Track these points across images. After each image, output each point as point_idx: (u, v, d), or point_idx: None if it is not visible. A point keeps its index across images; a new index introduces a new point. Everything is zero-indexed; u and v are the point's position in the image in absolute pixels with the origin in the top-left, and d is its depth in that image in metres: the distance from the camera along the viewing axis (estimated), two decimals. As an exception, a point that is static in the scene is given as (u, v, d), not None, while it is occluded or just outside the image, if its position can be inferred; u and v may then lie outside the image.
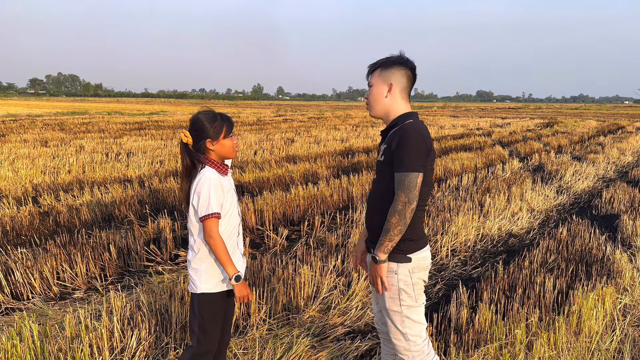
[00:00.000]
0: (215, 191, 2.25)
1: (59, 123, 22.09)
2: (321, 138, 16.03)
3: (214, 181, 2.26)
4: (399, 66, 2.24)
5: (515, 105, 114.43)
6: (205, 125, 2.28)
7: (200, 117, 2.31)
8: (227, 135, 2.31)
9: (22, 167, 9.20)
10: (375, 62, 2.29)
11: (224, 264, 2.27)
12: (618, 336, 3.32)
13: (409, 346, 2.24)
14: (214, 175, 2.27)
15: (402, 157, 2.07)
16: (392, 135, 2.17)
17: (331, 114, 37.22)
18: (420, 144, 2.09)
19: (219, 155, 2.33)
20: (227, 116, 2.36)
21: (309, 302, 3.77)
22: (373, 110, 2.30)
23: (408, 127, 2.14)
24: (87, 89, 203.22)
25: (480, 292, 3.96)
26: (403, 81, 2.24)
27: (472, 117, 34.40)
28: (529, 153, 12.65)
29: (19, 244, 5.11)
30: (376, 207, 2.22)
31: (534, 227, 6.12)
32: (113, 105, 59.57)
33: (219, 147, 2.31)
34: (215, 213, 2.24)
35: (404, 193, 2.06)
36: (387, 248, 2.12)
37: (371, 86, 2.27)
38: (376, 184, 2.27)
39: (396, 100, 2.24)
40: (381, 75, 2.24)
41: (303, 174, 8.90)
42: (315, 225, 5.73)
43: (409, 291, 2.21)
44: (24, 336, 2.93)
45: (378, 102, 2.26)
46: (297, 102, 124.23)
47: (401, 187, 2.06)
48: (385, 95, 2.24)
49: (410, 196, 2.06)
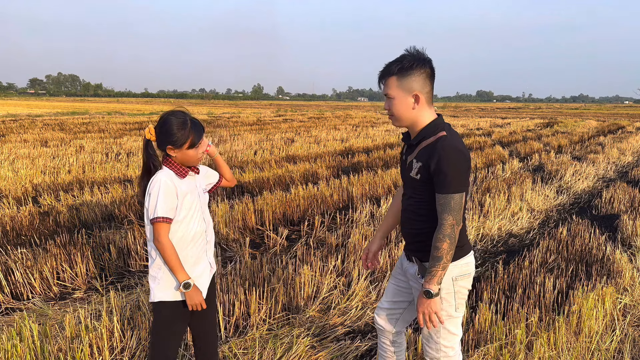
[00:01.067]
0: (164, 194, 2.14)
1: (59, 123, 22.09)
2: (321, 138, 16.03)
3: (165, 184, 2.15)
4: (418, 68, 2.01)
5: (515, 105, 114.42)
6: (170, 130, 2.16)
7: (169, 120, 2.18)
8: (191, 146, 2.19)
9: (22, 167, 9.20)
10: (390, 68, 2.04)
11: (173, 269, 2.18)
12: (618, 336, 3.32)
13: (439, 356, 2.17)
14: (165, 178, 2.17)
15: (446, 179, 1.94)
16: (427, 152, 2.01)
17: (331, 114, 37.22)
18: (463, 164, 1.97)
19: (180, 161, 2.24)
20: (199, 124, 2.23)
21: (309, 302, 3.77)
22: (399, 123, 2.10)
23: (447, 145, 1.96)
24: (87, 89, 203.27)
25: (480, 292, 3.96)
26: (427, 86, 2.04)
27: (472, 117, 34.39)
28: (529, 153, 12.65)
29: (19, 244, 5.11)
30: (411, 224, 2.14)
31: (534, 227, 6.12)
32: (113, 105, 59.56)
33: (180, 155, 2.21)
34: (161, 217, 2.13)
35: (451, 216, 1.95)
36: (441, 278, 2.00)
37: (392, 98, 2.05)
38: (411, 199, 2.14)
39: (424, 109, 2.05)
40: (401, 84, 2.02)
41: (303, 174, 8.90)
42: (315, 225, 5.73)
43: (450, 300, 2.11)
44: (24, 336, 2.93)
45: (405, 116, 2.07)
46: (297, 102, 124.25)
47: (448, 210, 1.94)
48: (412, 107, 2.04)
49: (458, 218, 1.96)
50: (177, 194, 2.19)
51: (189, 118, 2.21)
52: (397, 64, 2.02)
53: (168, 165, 2.23)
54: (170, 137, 2.16)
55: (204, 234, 2.33)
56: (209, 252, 2.38)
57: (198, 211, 2.29)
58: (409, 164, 2.10)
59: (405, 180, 2.17)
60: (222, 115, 32.67)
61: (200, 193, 2.33)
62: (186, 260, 2.26)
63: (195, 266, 2.30)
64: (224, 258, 4.88)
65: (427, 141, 2.03)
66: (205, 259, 2.35)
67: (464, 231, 2.12)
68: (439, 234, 1.96)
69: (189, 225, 2.24)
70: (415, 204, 2.11)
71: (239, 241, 5.17)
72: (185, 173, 2.25)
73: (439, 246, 1.96)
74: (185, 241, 2.25)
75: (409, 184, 2.14)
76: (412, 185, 2.10)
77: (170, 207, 2.16)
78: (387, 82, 2.05)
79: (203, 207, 2.34)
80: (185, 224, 2.23)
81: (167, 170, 2.22)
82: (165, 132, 2.17)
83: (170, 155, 2.21)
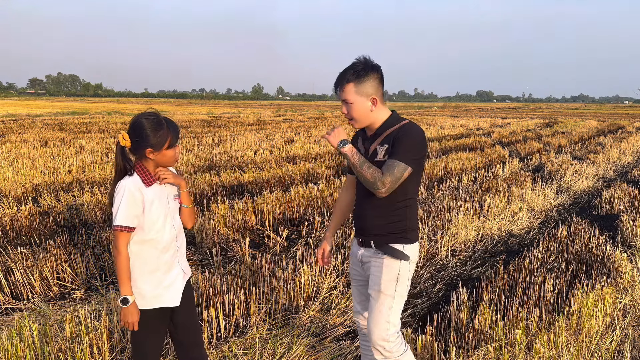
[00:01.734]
0: (127, 202, 2.07)
1: (59, 123, 22.09)
2: (321, 138, 16.03)
3: (129, 191, 2.08)
4: (372, 74, 2.22)
5: (515, 105, 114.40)
6: (148, 133, 2.08)
7: (144, 124, 2.09)
8: (171, 145, 2.14)
9: (22, 167, 9.20)
10: (345, 76, 2.22)
11: (119, 280, 2.12)
12: (618, 336, 3.32)
13: (388, 336, 2.25)
14: (131, 185, 2.10)
15: (400, 148, 2.16)
16: (392, 135, 2.23)
17: (331, 114, 37.21)
18: (420, 142, 2.21)
19: (157, 164, 2.17)
20: (174, 123, 2.17)
21: (309, 302, 3.77)
22: (359, 124, 2.30)
23: (410, 126, 2.24)
24: (87, 89, 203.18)
25: (480, 292, 3.96)
26: (380, 89, 2.26)
27: (472, 117, 34.40)
28: (529, 153, 12.65)
29: (19, 244, 5.11)
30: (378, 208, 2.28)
31: (534, 227, 6.12)
32: (113, 105, 59.57)
33: (159, 157, 2.14)
34: (120, 226, 2.08)
35: (390, 178, 2.12)
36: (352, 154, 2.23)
37: (350, 103, 2.24)
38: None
39: (380, 109, 2.27)
40: (358, 90, 2.22)
41: (303, 174, 8.90)
42: (315, 225, 5.73)
43: (404, 280, 2.28)
44: (24, 336, 2.93)
45: (365, 117, 2.27)
46: (297, 102, 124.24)
47: (389, 172, 2.12)
48: (370, 109, 2.25)
49: (392, 184, 2.13)
50: (142, 202, 2.12)
51: (162, 118, 2.15)
52: (352, 71, 2.21)
53: (137, 171, 2.15)
54: (149, 141, 2.09)
55: (175, 240, 2.27)
56: (181, 258, 2.33)
57: (167, 218, 2.22)
58: (373, 151, 2.28)
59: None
60: (222, 115, 32.68)
61: (169, 199, 2.25)
62: (159, 267, 2.21)
63: (168, 273, 2.25)
64: (224, 258, 4.88)
65: (392, 128, 2.26)
66: (177, 265, 2.29)
67: (416, 215, 2.35)
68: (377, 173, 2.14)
69: (158, 233, 2.18)
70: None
71: (239, 241, 5.17)
72: (152, 181, 2.16)
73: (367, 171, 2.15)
74: (157, 249, 2.20)
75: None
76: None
77: (132, 215, 2.10)
78: (345, 89, 2.23)
79: (173, 213, 2.26)
80: (155, 231, 2.17)
81: (135, 176, 2.14)
82: (142, 137, 2.09)
83: (148, 158, 2.14)
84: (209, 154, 11.47)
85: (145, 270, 2.20)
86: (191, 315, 2.39)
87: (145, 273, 2.20)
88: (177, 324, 2.35)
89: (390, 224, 2.27)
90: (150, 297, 2.20)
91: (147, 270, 2.20)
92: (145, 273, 2.20)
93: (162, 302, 2.23)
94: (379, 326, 2.25)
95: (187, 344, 2.40)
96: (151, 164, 2.18)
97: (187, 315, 2.36)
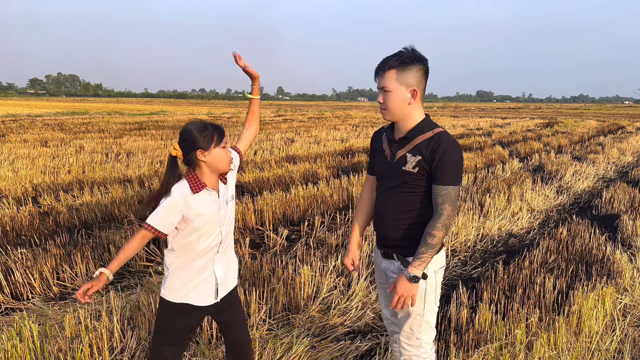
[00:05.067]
0: (167, 208, 2.14)
1: (59, 123, 22.09)
2: (321, 138, 16.04)
3: (174, 197, 2.14)
4: (417, 64, 2.05)
5: (515, 105, 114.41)
6: (195, 135, 2.15)
7: (189, 128, 2.18)
8: (218, 144, 2.18)
9: (22, 167, 9.20)
10: (388, 62, 2.06)
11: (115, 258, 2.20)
12: (618, 336, 3.32)
13: (419, 352, 2.20)
14: (177, 192, 2.15)
15: (450, 171, 2.02)
16: (426, 146, 2.06)
17: (331, 114, 37.22)
18: (461, 160, 2.08)
19: (211, 167, 2.20)
20: (218, 125, 2.24)
21: (309, 302, 3.77)
22: (391, 116, 2.11)
23: (450, 140, 2.06)
24: (87, 89, 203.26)
25: (480, 292, 3.96)
26: (423, 83, 2.08)
27: (472, 117, 34.40)
28: (529, 153, 12.65)
29: (19, 244, 5.11)
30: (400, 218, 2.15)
31: (534, 227, 6.12)
32: (113, 105, 59.57)
33: (210, 158, 2.18)
34: (150, 226, 2.14)
35: (450, 206, 2.02)
36: (428, 264, 2.06)
37: (389, 91, 2.06)
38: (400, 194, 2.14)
39: (418, 105, 2.10)
40: (400, 78, 2.04)
41: (303, 174, 8.90)
42: (315, 225, 5.73)
43: (431, 292, 2.17)
44: (24, 336, 2.93)
45: (399, 109, 2.08)
46: (297, 102, 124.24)
47: (448, 201, 2.02)
48: (409, 102, 2.07)
49: (455, 209, 2.05)
50: (185, 210, 2.16)
51: (206, 122, 2.24)
52: (397, 58, 2.05)
53: (187, 178, 2.20)
54: (197, 142, 2.15)
55: (217, 245, 2.29)
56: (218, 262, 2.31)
57: (214, 226, 2.24)
58: (400, 158, 2.11)
59: (392, 174, 2.16)
60: (222, 116, 32.67)
61: (221, 205, 2.27)
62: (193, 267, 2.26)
63: (200, 274, 2.28)
64: (224, 258, 4.88)
65: (424, 136, 2.08)
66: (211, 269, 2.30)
67: None
68: (437, 223, 2.02)
69: (198, 241, 2.22)
70: (407, 198, 2.12)
71: (239, 241, 5.17)
72: (200, 187, 2.19)
73: (435, 234, 2.02)
74: (195, 251, 2.24)
75: (396, 178, 2.13)
76: (404, 179, 2.11)
77: (165, 222, 2.15)
78: (385, 75, 2.06)
79: (222, 220, 2.27)
80: (196, 237, 2.21)
81: (184, 182, 2.19)
82: (190, 139, 2.16)
83: (201, 161, 2.18)
84: (209, 154, 11.46)
85: (184, 267, 2.25)
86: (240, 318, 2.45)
87: (183, 269, 2.26)
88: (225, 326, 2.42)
89: (414, 235, 2.12)
90: (176, 290, 2.26)
91: (185, 267, 2.26)
92: (182, 269, 2.26)
93: (187, 299, 2.27)
94: (411, 344, 2.20)
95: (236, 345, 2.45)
96: (204, 171, 2.20)
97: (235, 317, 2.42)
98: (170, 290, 2.27)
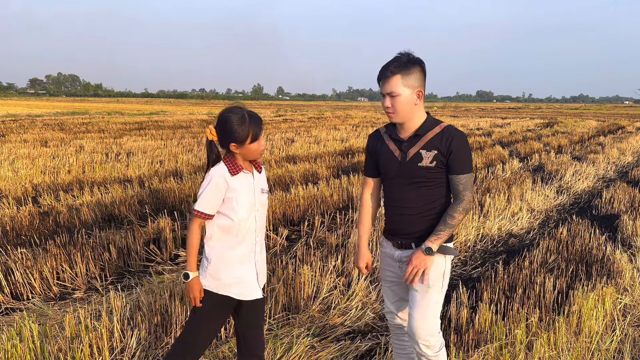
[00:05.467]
0: (210, 191, 2.20)
1: (59, 123, 22.09)
2: (321, 138, 16.04)
3: (215, 179, 2.20)
4: (417, 67, 2.20)
5: (515, 105, 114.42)
6: (234, 128, 2.19)
7: (230, 118, 2.21)
8: (253, 140, 2.22)
9: (22, 167, 9.20)
10: (391, 68, 2.18)
11: (187, 256, 2.25)
12: (618, 336, 3.32)
13: (435, 330, 2.27)
14: (217, 174, 2.22)
15: (466, 161, 2.22)
16: (438, 140, 2.21)
17: (331, 114, 37.22)
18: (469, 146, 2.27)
19: (243, 156, 2.27)
20: (257, 118, 2.26)
21: (309, 302, 3.77)
22: (400, 118, 2.25)
23: (455, 131, 2.24)
24: (87, 89, 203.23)
25: (480, 292, 3.96)
26: (424, 84, 2.25)
27: (472, 117, 34.40)
28: (529, 153, 12.65)
29: (19, 244, 5.11)
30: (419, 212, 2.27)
31: (534, 227, 6.12)
32: (113, 105, 59.58)
33: (243, 151, 2.24)
34: (199, 212, 2.21)
35: (470, 192, 2.23)
36: (444, 241, 2.23)
37: (396, 96, 2.19)
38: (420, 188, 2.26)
39: (422, 105, 2.26)
40: (405, 82, 2.18)
41: (303, 174, 8.90)
42: (315, 225, 5.73)
43: (448, 276, 2.32)
44: (24, 336, 2.93)
45: (408, 111, 2.22)
46: (297, 102, 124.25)
47: (469, 188, 2.22)
48: (415, 103, 2.22)
49: (473, 193, 2.25)
50: (226, 190, 2.22)
51: (246, 112, 2.24)
52: (397, 63, 2.18)
53: (225, 161, 2.26)
54: (233, 135, 2.19)
55: (254, 233, 2.31)
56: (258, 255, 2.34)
57: (252, 208, 2.28)
58: (414, 155, 2.24)
59: (406, 172, 2.27)
60: (222, 115, 32.60)
61: (256, 192, 2.31)
62: (234, 256, 2.27)
63: (242, 265, 2.28)
64: (224, 258, 4.88)
65: (433, 131, 2.24)
66: (252, 261, 2.31)
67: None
68: (459, 207, 2.21)
69: (241, 222, 2.24)
70: (425, 192, 2.26)
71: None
72: (238, 170, 2.25)
73: (456, 217, 2.21)
74: (237, 237, 2.25)
75: (412, 175, 2.25)
76: (421, 174, 2.24)
77: (212, 204, 2.21)
78: (391, 81, 2.18)
79: (258, 206, 2.32)
80: (238, 218, 2.23)
81: (222, 165, 2.25)
82: (227, 131, 2.20)
83: (233, 152, 2.24)
84: (209, 154, 11.45)
85: (224, 255, 2.27)
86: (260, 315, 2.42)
87: (223, 258, 2.27)
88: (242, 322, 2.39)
89: (432, 226, 2.26)
90: (219, 282, 2.27)
91: (225, 255, 2.28)
92: (222, 258, 2.27)
93: (229, 291, 2.28)
94: (427, 321, 2.26)
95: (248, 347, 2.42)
96: (238, 157, 2.27)
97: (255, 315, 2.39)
98: (212, 279, 2.27)
